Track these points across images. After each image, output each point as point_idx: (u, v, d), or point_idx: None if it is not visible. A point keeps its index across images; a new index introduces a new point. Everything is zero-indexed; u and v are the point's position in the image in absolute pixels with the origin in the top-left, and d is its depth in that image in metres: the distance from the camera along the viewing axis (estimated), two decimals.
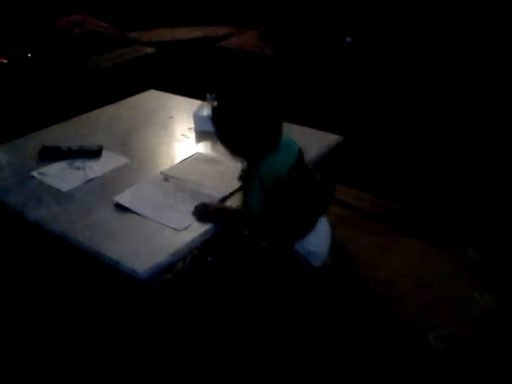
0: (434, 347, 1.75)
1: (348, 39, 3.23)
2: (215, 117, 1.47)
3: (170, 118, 2.33)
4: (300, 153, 1.55)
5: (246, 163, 1.54)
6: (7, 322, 1.81)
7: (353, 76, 3.02)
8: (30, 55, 2.91)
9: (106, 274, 1.41)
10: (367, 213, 2.53)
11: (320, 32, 3.28)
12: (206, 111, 2.17)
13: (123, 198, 1.60)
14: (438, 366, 1.68)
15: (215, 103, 1.51)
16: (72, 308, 1.79)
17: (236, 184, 1.64)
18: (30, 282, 1.86)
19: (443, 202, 2.57)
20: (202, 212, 1.51)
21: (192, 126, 2.18)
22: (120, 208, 1.57)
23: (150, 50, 3.44)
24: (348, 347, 1.74)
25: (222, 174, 1.75)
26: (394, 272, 2.07)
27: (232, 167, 1.71)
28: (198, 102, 2.31)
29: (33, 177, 1.78)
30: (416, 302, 1.93)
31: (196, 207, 1.52)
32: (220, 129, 1.46)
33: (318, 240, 1.60)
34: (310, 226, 1.57)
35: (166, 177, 1.74)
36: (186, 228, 1.46)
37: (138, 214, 1.53)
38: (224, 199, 1.62)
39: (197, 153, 1.95)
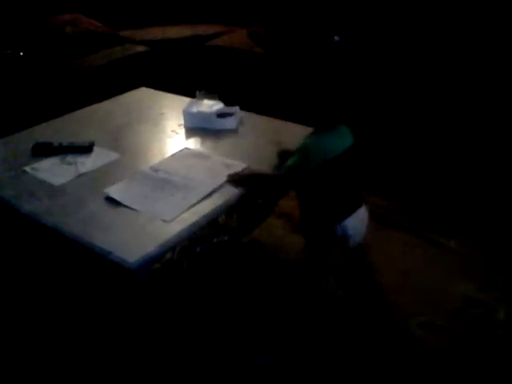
0: (416, 334, 1.81)
1: (336, 38, 3.29)
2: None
3: (161, 114, 2.37)
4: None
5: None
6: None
7: (341, 75, 3.07)
8: (22, 54, 2.95)
9: (97, 265, 1.46)
10: None
11: (309, 31, 3.34)
12: (196, 108, 2.22)
13: (114, 192, 1.65)
14: (419, 353, 1.75)
15: None
16: (64, 299, 1.84)
17: (223, 178, 1.71)
18: (23, 273, 1.90)
19: (425, 195, 2.63)
20: (237, 178, 1.69)
21: (182, 122, 2.23)
22: (111, 201, 1.62)
23: (141, 48, 3.49)
24: (334, 334, 1.80)
25: (210, 169, 1.80)
26: (377, 263, 2.12)
27: (219, 162, 1.80)
28: (188, 99, 2.36)
29: (25, 171, 1.82)
30: (398, 291, 1.99)
31: (229, 175, 1.69)
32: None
33: (356, 224, 1.74)
34: (350, 210, 1.72)
35: (156, 170, 1.79)
36: (174, 219, 1.52)
37: (129, 207, 1.58)
38: (211, 193, 1.67)
39: (185, 148, 2.00)
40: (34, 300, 1.89)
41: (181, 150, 1.98)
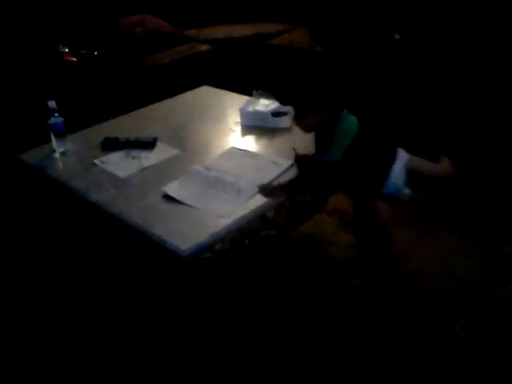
0: (460, 335, 1.81)
1: (397, 36, 3.28)
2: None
3: (221, 113, 2.49)
4: None
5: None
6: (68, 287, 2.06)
7: (402, 72, 3.07)
8: (96, 53, 3.16)
9: (154, 251, 1.60)
10: (405, 205, 2.58)
11: (369, 29, 3.34)
12: (252, 107, 2.33)
13: (170, 189, 1.77)
14: (462, 354, 1.75)
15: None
16: (123, 281, 2.00)
17: (272, 175, 1.82)
18: (87, 256, 2.09)
19: (483, 198, 2.58)
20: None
21: (239, 120, 2.34)
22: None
23: (204, 47, 3.63)
24: (373, 333, 1.83)
25: (258, 167, 1.90)
26: (427, 263, 2.13)
27: (266, 160, 1.92)
28: (246, 98, 2.46)
29: (95, 164, 2.01)
30: (445, 291, 1.99)
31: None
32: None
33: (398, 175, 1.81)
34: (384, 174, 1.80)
35: (208, 169, 1.90)
36: (229, 215, 1.63)
37: (185, 204, 1.70)
38: None
39: (232, 147, 2.10)
40: (96, 281, 2.07)
41: (228, 149, 2.08)
